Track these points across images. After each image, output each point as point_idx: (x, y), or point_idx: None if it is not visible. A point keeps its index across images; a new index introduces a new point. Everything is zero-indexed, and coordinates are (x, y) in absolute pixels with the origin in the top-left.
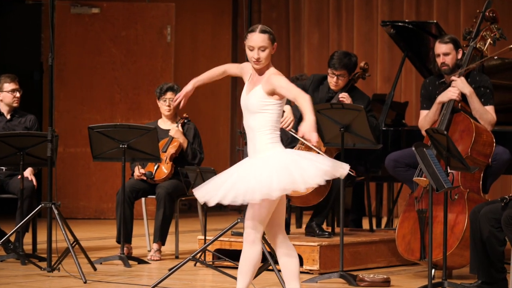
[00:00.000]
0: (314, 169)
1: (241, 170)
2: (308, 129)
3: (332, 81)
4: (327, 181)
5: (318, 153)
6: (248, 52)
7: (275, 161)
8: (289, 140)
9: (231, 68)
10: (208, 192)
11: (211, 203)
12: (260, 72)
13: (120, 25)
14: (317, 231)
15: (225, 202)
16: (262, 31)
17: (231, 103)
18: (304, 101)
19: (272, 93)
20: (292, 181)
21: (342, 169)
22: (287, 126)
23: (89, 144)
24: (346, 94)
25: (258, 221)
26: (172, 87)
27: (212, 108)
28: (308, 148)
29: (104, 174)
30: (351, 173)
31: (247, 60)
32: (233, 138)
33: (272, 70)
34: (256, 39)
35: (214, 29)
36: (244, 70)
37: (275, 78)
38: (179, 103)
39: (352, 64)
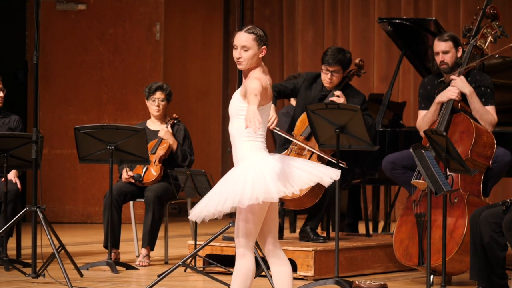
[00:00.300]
0: (297, 176)
1: (224, 181)
2: (249, 116)
3: (326, 78)
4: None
5: (313, 152)
6: (233, 51)
7: (251, 170)
8: (282, 142)
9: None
10: (195, 210)
11: (196, 219)
12: (245, 74)
13: (108, 22)
14: (312, 236)
15: (206, 217)
16: (248, 31)
17: (222, 102)
18: (250, 99)
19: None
20: (265, 190)
21: (326, 176)
22: (271, 125)
23: (75, 146)
24: (340, 92)
25: (245, 235)
26: (161, 87)
27: (203, 108)
28: (302, 148)
29: (91, 177)
30: (341, 165)
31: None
32: (224, 139)
33: (254, 72)
34: (240, 38)
35: (205, 27)
36: None
37: (249, 81)
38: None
39: (346, 60)
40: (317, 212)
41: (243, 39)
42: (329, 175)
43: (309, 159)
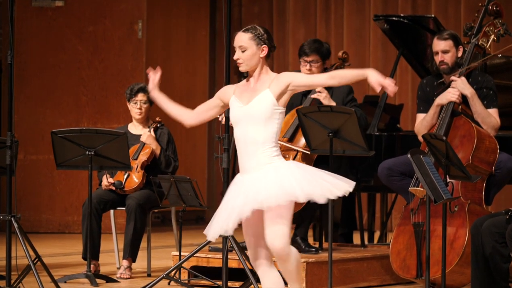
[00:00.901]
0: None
1: (247, 187)
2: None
3: (304, 70)
4: None
5: (297, 151)
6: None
7: (288, 170)
8: None
9: (203, 107)
10: (220, 224)
11: (229, 231)
12: (258, 78)
13: (87, 20)
14: (303, 246)
15: (244, 215)
16: (245, 30)
17: None
18: (336, 73)
19: (282, 93)
20: (312, 192)
21: (347, 186)
22: None
23: (52, 151)
24: (321, 87)
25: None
26: (144, 88)
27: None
28: (286, 150)
29: (69, 184)
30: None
31: (226, 59)
32: (210, 144)
33: (271, 74)
34: (237, 38)
35: (190, 25)
36: (223, 93)
37: (285, 74)
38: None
39: (324, 50)
40: (303, 219)
41: (240, 39)
42: (350, 185)
43: (293, 159)
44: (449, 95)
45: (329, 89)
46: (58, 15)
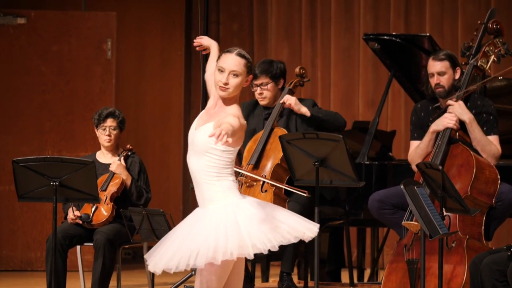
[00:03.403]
0: (271, 229)
1: (187, 228)
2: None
3: (256, 94)
4: None
5: (263, 182)
6: (216, 74)
7: (223, 217)
8: None
9: (209, 80)
10: (155, 258)
11: (158, 271)
12: (222, 105)
13: (51, 38)
14: (284, 284)
15: (172, 269)
16: (240, 55)
17: (184, 131)
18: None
19: None
20: (240, 245)
21: (309, 231)
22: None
23: (13, 181)
24: (289, 96)
25: None
26: (113, 113)
27: (161, 137)
28: (253, 179)
29: (31, 217)
30: (303, 194)
31: (203, 81)
32: (186, 174)
33: (234, 108)
34: (230, 61)
35: (164, 44)
36: (211, 92)
37: (227, 117)
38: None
39: (274, 69)
40: (287, 252)
41: (234, 62)
42: (310, 230)
43: (261, 189)
44: (446, 121)
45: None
46: (20, 33)
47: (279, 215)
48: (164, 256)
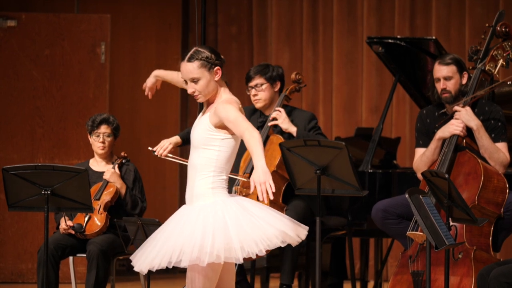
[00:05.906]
0: (258, 233)
1: (172, 224)
2: (260, 179)
3: (251, 96)
4: None
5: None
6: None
7: (212, 215)
8: None
9: None
10: (141, 257)
11: (143, 270)
12: (211, 100)
13: (43, 42)
14: None
15: (155, 267)
16: (189, 59)
17: None
18: (251, 138)
19: (221, 125)
20: (227, 247)
21: (297, 236)
22: (163, 152)
23: (3, 190)
24: (280, 109)
25: None
26: (107, 119)
27: (157, 144)
28: (249, 187)
29: (22, 227)
30: (243, 179)
31: None
32: (182, 182)
33: (222, 96)
34: (184, 71)
35: (160, 47)
36: None
37: (222, 108)
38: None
39: (270, 72)
40: (285, 263)
41: (188, 70)
42: (298, 233)
43: (257, 198)
44: (452, 128)
45: (288, 115)
46: (11, 36)
47: (265, 213)
48: (149, 255)
